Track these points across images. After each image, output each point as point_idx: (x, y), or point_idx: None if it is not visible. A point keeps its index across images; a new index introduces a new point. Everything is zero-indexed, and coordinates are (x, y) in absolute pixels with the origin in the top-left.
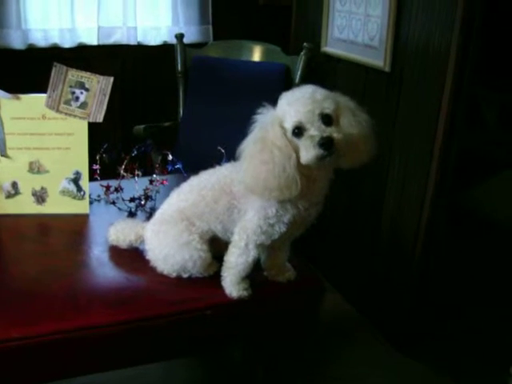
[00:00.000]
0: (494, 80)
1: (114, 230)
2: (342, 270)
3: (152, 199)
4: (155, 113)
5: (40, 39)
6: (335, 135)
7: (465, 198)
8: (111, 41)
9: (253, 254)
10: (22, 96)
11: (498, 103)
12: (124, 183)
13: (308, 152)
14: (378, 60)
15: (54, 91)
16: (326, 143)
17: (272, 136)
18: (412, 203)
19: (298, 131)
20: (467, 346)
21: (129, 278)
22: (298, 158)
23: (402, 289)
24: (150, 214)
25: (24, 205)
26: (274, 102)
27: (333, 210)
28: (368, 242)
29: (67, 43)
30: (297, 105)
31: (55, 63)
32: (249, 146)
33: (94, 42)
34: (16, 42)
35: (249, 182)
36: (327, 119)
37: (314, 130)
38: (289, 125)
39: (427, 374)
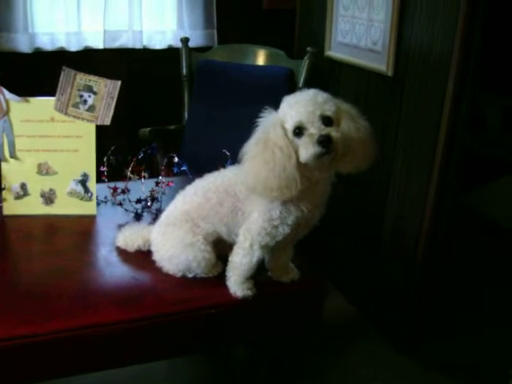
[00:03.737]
0: (497, 83)
1: (121, 236)
2: (345, 272)
3: (158, 201)
4: (160, 116)
5: (46, 43)
6: (333, 134)
7: (467, 201)
8: (117, 44)
9: (257, 254)
10: (31, 99)
11: (501, 106)
12: (131, 185)
13: (307, 150)
14: (381, 64)
15: (62, 94)
16: (324, 141)
17: (273, 136)
18: (414, 206)
19: (299, 131)
20: (469, 347)
21: (135, 277)
22: (298, 158)
23: (404, 291)
24: (155, 216)
25: (32, 206)
26: (277, 106)
27: (336, 213)
28: (371, 244)
29: (73, 47)
30: (298, 106)
31: (64, 67)
32: (251, 147)
33: (100, 46)
34: (23, 46)
35: (250, 181)
36: (327, 121)
37: (314, 129)
38: (290, 125)
39: (429, 376)
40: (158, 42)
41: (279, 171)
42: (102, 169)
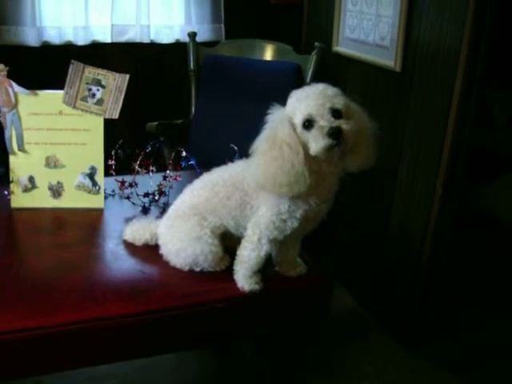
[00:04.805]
0: (506, 80)
1: (129, 230)
2: (352, 269)
3: (165, 195)
4: (167, 110)
5: (54, 36)
6: (344, 126)
7: (475, 198)
8: (124, 39)
9: (265, 248)
10: (40, 92)
11: (510, 103)
12: (138, 179)
13: (317, 142)
14: (389, 60)
15: (71, 88)
16: (334, 133)
17: (281, 133)
18: (421, 203)
19: (308, 124)
20: (475, 343)
21: (143, 271)
22: (306, 152)
23: (410, 288)
24: (163, 209)
25: (40, 199)
26: (285, 101)
27: (343, 211)
28: (377, 240)
29: (81, 41)
30: (308, 100)
31: (73, 61)
32: (260, 144)
33: (108, 40)
34: (31, 40)
35: (259, 178)
36: (337, 113)
37: (324, 122)
38: (299, 119)
39: (434, 373)
40: (166, 37)
41: (288, 167)
42: (110, 162)
